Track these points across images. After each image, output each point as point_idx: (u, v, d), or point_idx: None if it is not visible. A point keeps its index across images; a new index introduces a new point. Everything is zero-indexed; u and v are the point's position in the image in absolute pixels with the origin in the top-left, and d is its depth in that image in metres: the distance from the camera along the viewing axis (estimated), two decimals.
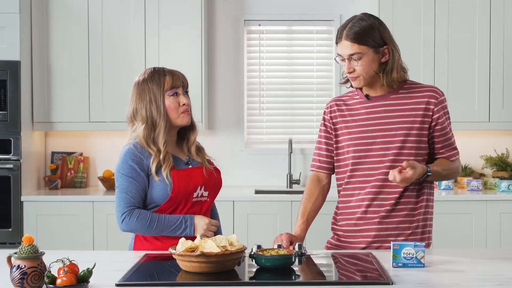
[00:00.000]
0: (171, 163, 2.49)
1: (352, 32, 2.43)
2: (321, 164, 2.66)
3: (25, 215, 4.37)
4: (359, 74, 2.46)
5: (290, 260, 2.11)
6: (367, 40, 2.43)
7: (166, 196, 2.48)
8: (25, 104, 4.45)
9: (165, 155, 2.49)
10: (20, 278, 1.83)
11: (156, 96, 2.51)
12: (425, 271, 2.11)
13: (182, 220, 2.48)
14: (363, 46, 2.43)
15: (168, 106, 2.52)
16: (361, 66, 2.45)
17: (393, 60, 2.47)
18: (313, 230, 2.79)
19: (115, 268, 2.15)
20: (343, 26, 2.48)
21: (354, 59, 2.44)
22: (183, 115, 2.54)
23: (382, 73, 2.47)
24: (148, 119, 2.51)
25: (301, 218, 2.60)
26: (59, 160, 4.88)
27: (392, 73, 2.47)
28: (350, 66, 2.46)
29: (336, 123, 2.60)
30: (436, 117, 2.49)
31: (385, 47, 2.46)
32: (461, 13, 4.56)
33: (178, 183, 2.48)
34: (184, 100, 2.54)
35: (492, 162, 4.81)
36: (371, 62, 2.45)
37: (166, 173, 2.47)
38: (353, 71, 2.47)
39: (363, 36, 2.42)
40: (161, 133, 2.51)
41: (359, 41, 2.42)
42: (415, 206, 2.52)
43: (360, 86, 2.51)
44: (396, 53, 2.48)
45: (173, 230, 2.48)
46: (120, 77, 4.58)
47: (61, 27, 4.58)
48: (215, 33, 4.95)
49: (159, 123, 2.51)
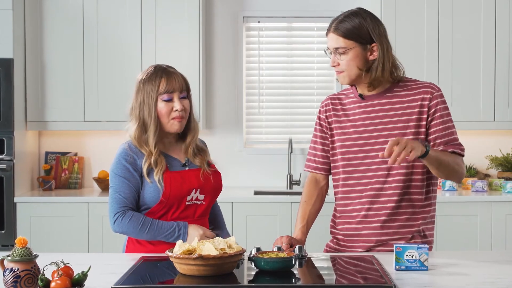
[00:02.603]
0: (163, 167, 2.49)
1: (340, 26, 2.45)
2: (317, 165, 2.65)
3: (18, 216, 4.37)
4: (343, 69, 2.47)
5: (290, 263, 2.11)
6: (354, 36, 2.43)
7: (157, 199, 2.48)
8: (18, 103, 4.45)
9: (156, 158, 2.49)
10: (13, 282, 1.83)
11: (149, 99, 2.51)
12: (429, 274, 2.11)
13: (176, 227, 2.48)
14: (349, 41, 2.43)
15: (160, 110, 2.51)
16: (345, 61, 2.45)
17: (381, 58, 2.45)
18: (313, 232, 2.79)
19: (111, 271, 2.16)
20: (335, 18, 2.49)
21: (339, 52, 2.45)
22: (173, 122, 2.52)
23: (366, 71, 2.46)
24: (140, 120, 2.52)
25: (301, 221, 2.60)
26: (53, 161, 4.88)
27: (377, 71, 2.45)
28: (334, 59, 2.48)
29: (331, 122, 2.59)
30: (432, 112, 2.46)
31: (373, 45, 2.45)
32: (465, 11, 4.56)
33: (170, 185, 2.48)
34: (177, 106, 2.51)
35: (497, 162, 4.81)
36: (356, 58, 2.44)
37: (158, 177, 2.47)
38: (337, 65, 2.48)
39: (350, 31, 2.43)
40: (151, 136, 2.51)
41: (345, 36, 2.43)
42: (416, 210, 2.50)
43: (346, 83, 2.51)
44: (386, 52, 2.45)
45: (166, 237, 2.48)
46: (115, 76, 4.58)
47: (55, 24, 4.58)
48: (213, 30, 4.95)
49: (149, 126, 2.51)
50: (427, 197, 2.52)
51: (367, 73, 2.46)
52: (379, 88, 2.51)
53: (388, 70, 2.48)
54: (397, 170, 2.46)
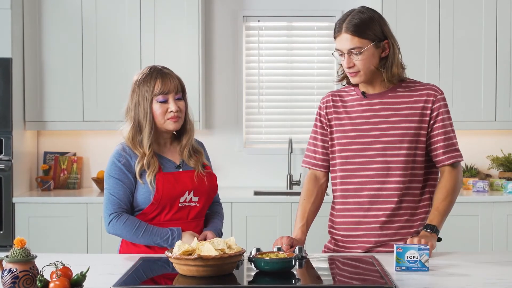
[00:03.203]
0: (156, 168, 2.50)
1: (352, 24, 2.41)
2: (317, 162, 2.64)
3: (17, 217, 4.37)
4: (359, 69, 2.44)
5: (290, 263, 2.11)
6: (368, 33, 2.41)
7: (149, 200, 2.49)
8: (16, 103, 4.45)
9: (149, 160, 2.50)
10: (12, 282, 1.83)
11: (144, 100, 2.52)
12: (429, 275, 2.11)
13: (169, 234, 2.49)
14: (364, 40, 2.41)
15: (155, 111, 2.52)
16: (361, 61, 2.43)
17: (393, 55, 2.46)
18: (313, 233, 2.79)
19: (110, 271, 2.16)
20: (342, 19, 2.45)
21: (355, 53, 2.42)
22: (169, 121, 2.53)
23: (383, 68, 2.46)
24: (135, 121, 2.53)
25: (301, 220, 2.59)
26: (51, 161, 4.88)
27: (392, 68, 2.46)
28: (350, 60, 2.44)
29: (331, 119, 2.58)
30: (434, 115, 2.47)
31: (385, 42, 2.45)
32: (466, 9, 4.56)
33: (162, 187, 2.49)
34: (172, 107, 2.52)
35: (498, 162, 4.81)
36: (372, 57, 2.43)
37: (150, 179, 2.48)
38: (353, 66, 2.44)
39: (364, 29, 2.40)
40: (146, 137, 2.52)
41: (359, 34, 2.41)
42: (415, 212, 2.51)
43: (360, 82, 2.49)
44: (396, 49, 2.47)
45: (159, 243, 2.48)
46: (115, 75, 4.58)
47: (54, 23, 4.58)
48: (212, 30, 4.95)
49: (144, 127, 2.52)
50: (425, 198, 2.52)
51: (384, 69, 2.46)
52: (381, 87, 2.51)
53: (400, 66, 2.49)
54: (397, 171, 2.46)
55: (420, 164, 2.49)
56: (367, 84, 2.52)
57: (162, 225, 2.52)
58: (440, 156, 2.49)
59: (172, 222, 2.53)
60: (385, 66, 2.46)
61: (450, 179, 2.48)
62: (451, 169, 2.49)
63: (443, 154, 2.48)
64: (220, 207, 2.79)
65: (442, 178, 2.49)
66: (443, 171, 2.50)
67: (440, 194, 2.47)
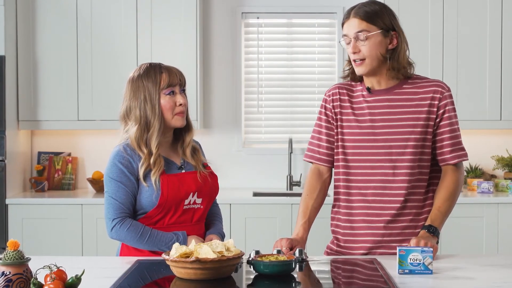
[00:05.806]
0: (161, 167, 2.47)
1: (362, 10, 2.45)
2: (321, 156, 2.63)
3: (10, 218, 4.37)
4: (365, 55, 2.45)
5: (290, 266, 2.11)
6: (377, 21, 2.44)
7: (154, 203, 2.46)
8: (10, 101, 4.45)
9: (156, 159, 2.46)
10: (5, 286, 1.83)
11: (152, 95, 2.49)
12: (433, 278, 2.11)
13: (174, 239, 2.46)
14: (372, 25, 2.44)
15: (164, 105, 2.49)
16: (367, 46, 2.44)
17: (401, 47, 2.48)
18: (313, 234, 2.79)
19: (105, 275, 2.15)
20: (352, 7, 2.49)
21: (361, 39, 2.44)
22: (177, 117, 2.52)
23: (389, 58, 2.47)
24: (142, 119, 2.49)
25: (303, 217, 2.58)
26: (46, 161, 4.88)
27: (399, 58, 2.47)
28: (355, 45, 2.45)
29: (337, 113, 2.58)
30: (441, 113, 2.48)
31: (393, 33, 2.47)
32: (470, 4, 4.57)
33: (167, 189, 2.46)
34: (181, 100, 2.51)
35: (504, 162, 4.82)
36: (378, 45, 2.45)
37: (155, 178, 2.45)
38: (358, 51, 2.45)
39: (373, 16, 2.44)
40: (155, 134, 2.48)
41: (368, 20, 2.43)
42: (420, 211, 2.51)
43: (365, 72, 2.49)
44: (404, 43, 2.49)
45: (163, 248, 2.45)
46: (110, 73, 4.58)
47: (48, 20, 4.58)
48: (211, 27, 4.95)
49: (153, 124, 2.48)
50: (430, 196, 2.53)
51: (386, 64, 2.47)
52: (387, 83, 2.52)
53: (407, 61, 2.49)
54: (403, 169, 2.46)
55: (427, 163, 2.50)
56: (372, 77, 2.52)
57: (166, 228, 2.50)
58: (446, 154, 2.50)
59: (177, 225, 2.51)
60: (392, 56, 2.47)
61: (454, 179, 2.49)
62: (454, 169, 2.50)
63: (449, 152, 2.49)
64: (218, 208, 2.78)
65: (445, 177, 2.50)
66: (446, 170, 2.51)
67: (443, 193, 2.47)
